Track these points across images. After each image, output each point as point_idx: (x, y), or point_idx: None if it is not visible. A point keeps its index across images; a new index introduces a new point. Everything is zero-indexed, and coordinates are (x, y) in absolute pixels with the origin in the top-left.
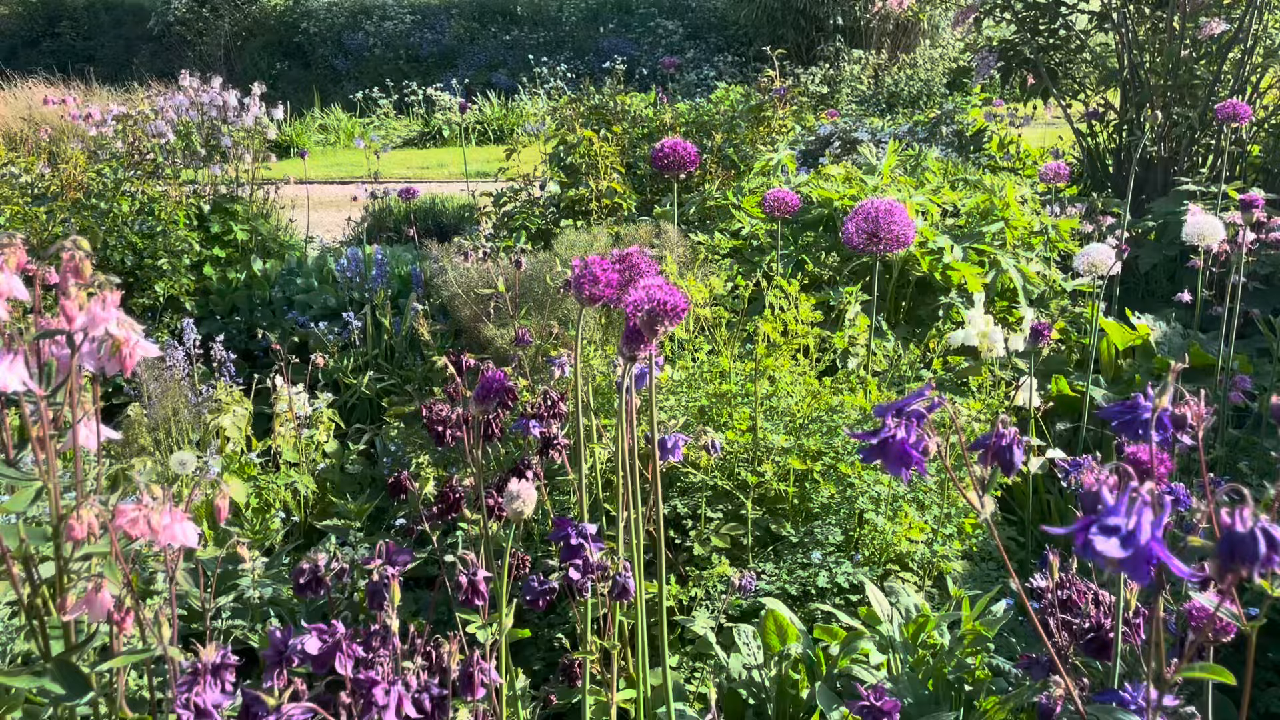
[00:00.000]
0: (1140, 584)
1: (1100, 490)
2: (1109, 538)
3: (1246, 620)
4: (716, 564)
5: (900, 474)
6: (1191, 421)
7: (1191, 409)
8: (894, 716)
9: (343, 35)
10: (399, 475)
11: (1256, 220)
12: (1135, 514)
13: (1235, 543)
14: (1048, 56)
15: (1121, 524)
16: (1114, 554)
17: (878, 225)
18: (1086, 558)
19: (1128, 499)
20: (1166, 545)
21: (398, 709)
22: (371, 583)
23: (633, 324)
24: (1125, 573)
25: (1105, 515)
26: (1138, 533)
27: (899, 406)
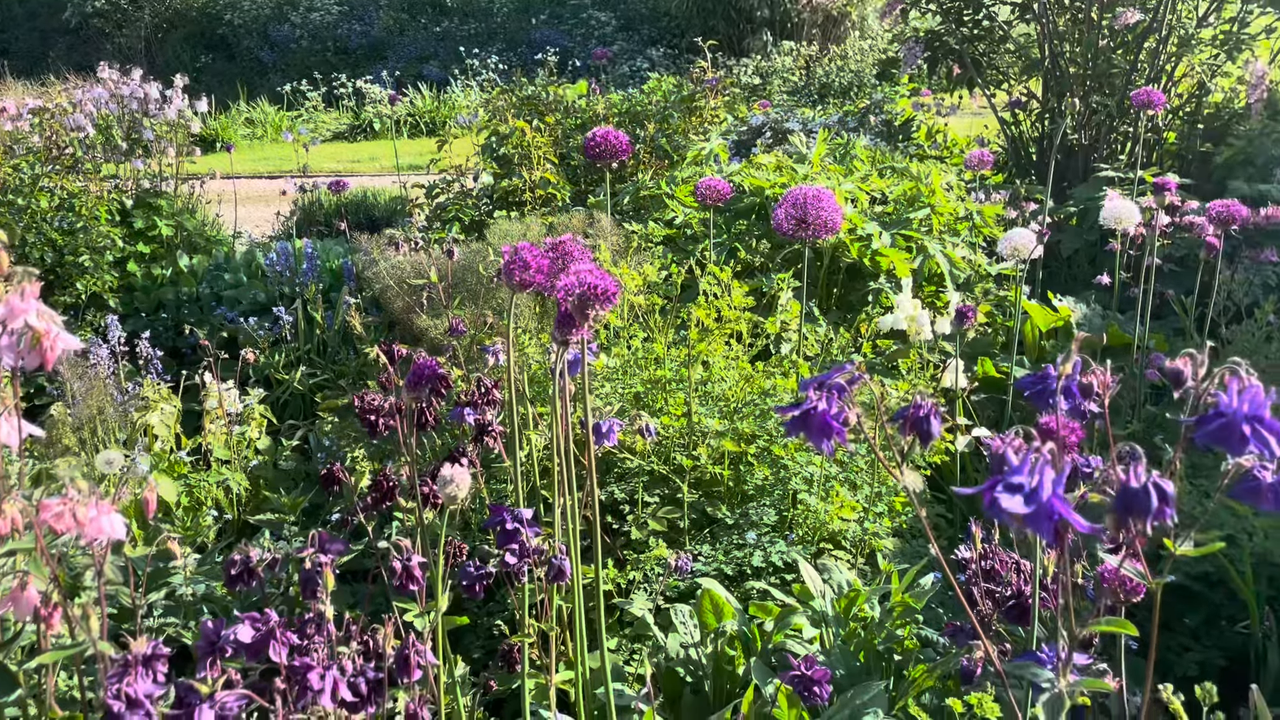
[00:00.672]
0: (1044, 538)
1: (1005, 452)
2: (1013, 495)
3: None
4: (654, 547)
5: (822, 445)
6: (1098, 389)
7: (1098, 377)
8: (824, 685)
9: (268, 27)
10: (331, 467)
11: (1170, 204)
12: (1037, 473)
13: (1130, 497)
14: (972, 47)
15: (1025, 482)
16: (1018, 510)
17: (806, 211)
18: (993, 515)
19: (1030, 459)
20: (1071, 504)
21: (333, 693)
22: (304, 571)
23: (564, 309)
24: (1029, 528)
25: (1010, 474)
26: (1040, 490)
27: (821, 381)
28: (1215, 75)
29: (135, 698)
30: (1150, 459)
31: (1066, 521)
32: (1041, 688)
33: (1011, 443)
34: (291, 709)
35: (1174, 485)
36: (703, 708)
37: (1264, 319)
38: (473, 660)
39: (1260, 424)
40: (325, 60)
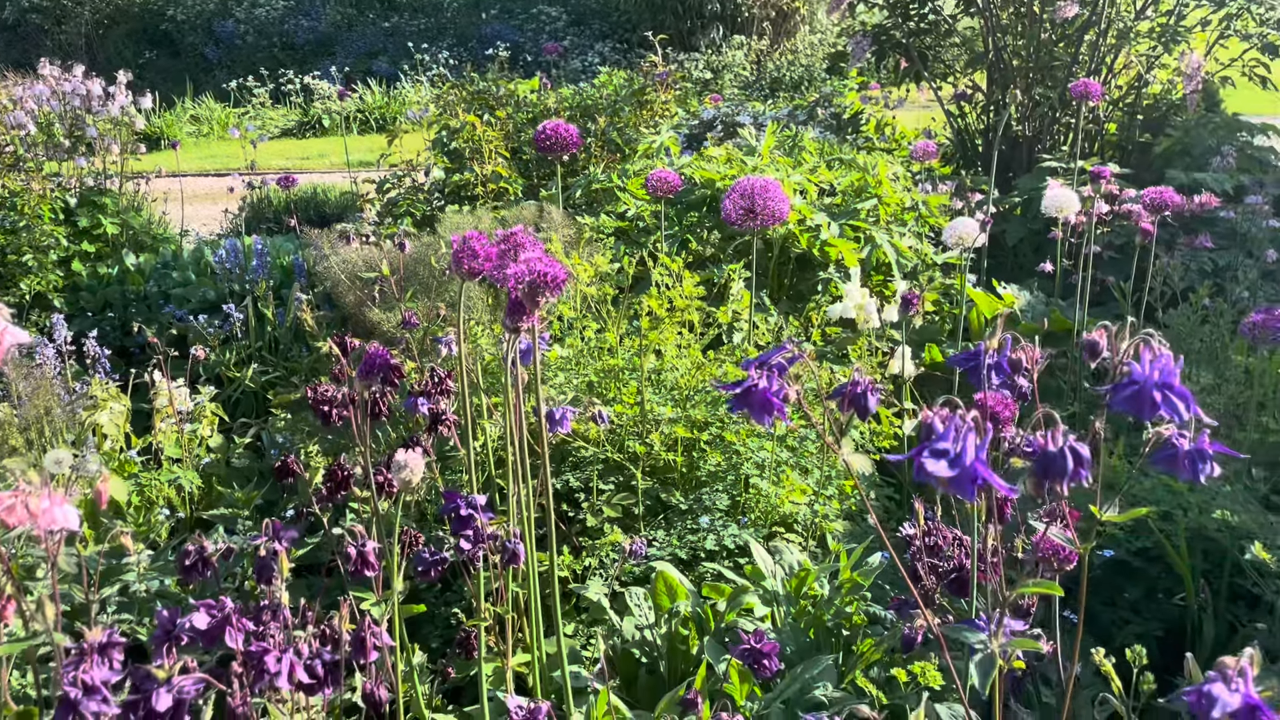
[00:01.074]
0: (967, 499)
1: (933, 421)
2: (938, 460)
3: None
4: (609, 534)
5: (764, 421)
6: (1027, 365)
7: (1026, 354)
8: (772, 657)
9: (212, 22)
10: (285, 459)
11: (1109, 193)
12: (961, 439)
13: (1048, 460)
14: (918, 40)
15: (949, 447)
16: (943, 474)
17: (754, 201)
18: (920, 479)
19: (955, 426)
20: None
21: (290, 675)
22: (259, 558)
23: (515, 296)
24: (953, 490)
25: (935, 441)
26: (963, 455)
27: (762, 360)
28: (1153, 67)
29: (92, 684)
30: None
31: (990, 484)
32: (975, 649)
33: (938, 413)
34: (249, 692)
35: (1106, 457)
36: (658, 687)
37: (1198, 303)
38: (431, 649)
39: (1170, 390)
40: (272, 56)
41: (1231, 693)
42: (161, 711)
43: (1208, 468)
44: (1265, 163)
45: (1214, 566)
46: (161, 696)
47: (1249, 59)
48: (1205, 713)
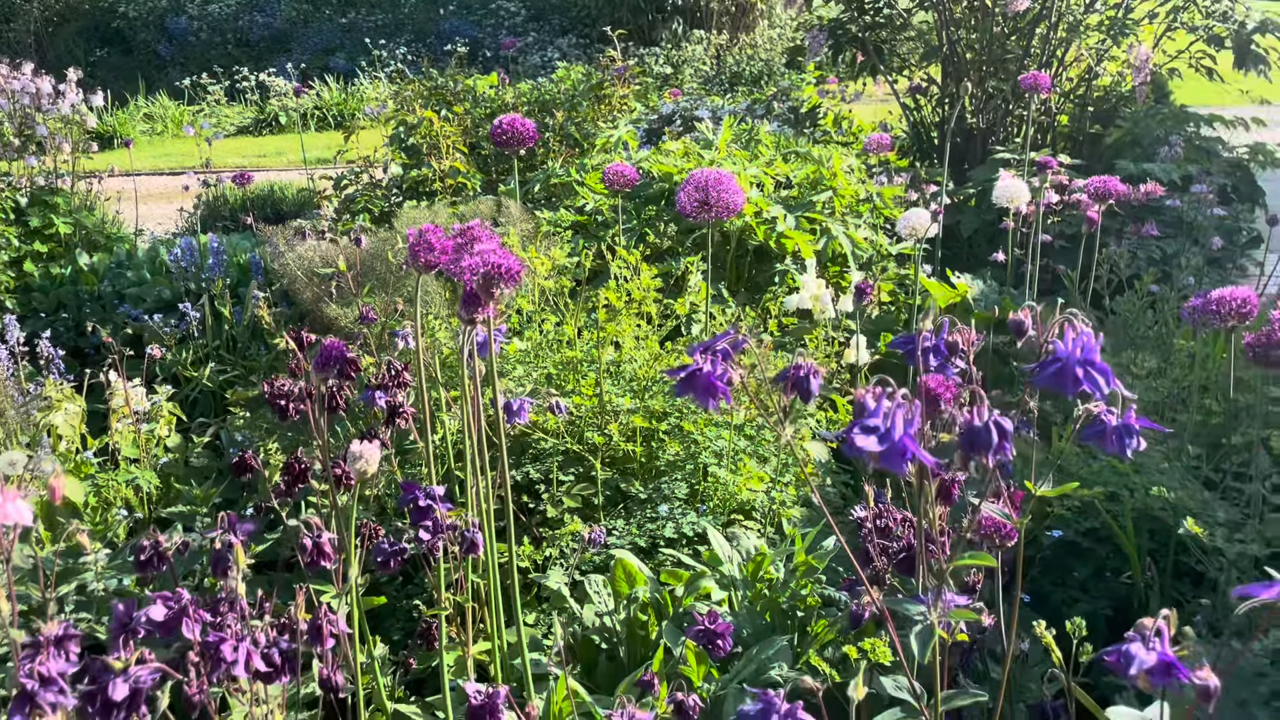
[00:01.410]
0: (898, 473)
1: (865, 399)
2: (869, 435)
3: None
4: (569, 524)
5: (709, 404)
6: (963, 346)
7: (963, 335)
8: (726, 637)
9: (165, 19)
10: (243, 455)
11: (1060, 183)
12: (891, 416)
13: (974, 434)
14: (874, 34)
15: (879, 424)
16: (873, 448)
17: (708, 193)
18: (851, 454)
19: (885, 404)
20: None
21: (247, 664)
22: (215, 551)
23: (470, 288)
24: (885, 465)
25: (866, 417)
26: (892, 430)
27: (707, 345)
28: (1103, 59)
29: (49, 675)
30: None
31: (919, 460)
32: (914, 620)
33: (871, 391)
34: (206, 681)
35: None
36: (617, 672)
37: (1143, 289)
38: (393, 642)
39: (1092, 366)
40: (226, 53)
41: (1149, 651)
42: (119, 701)
43: (1134, 442)
44: (1212, 153)
45: (1160, 545)
46: (118, 686)
47: (1195, 51)
48: (1124, 669)
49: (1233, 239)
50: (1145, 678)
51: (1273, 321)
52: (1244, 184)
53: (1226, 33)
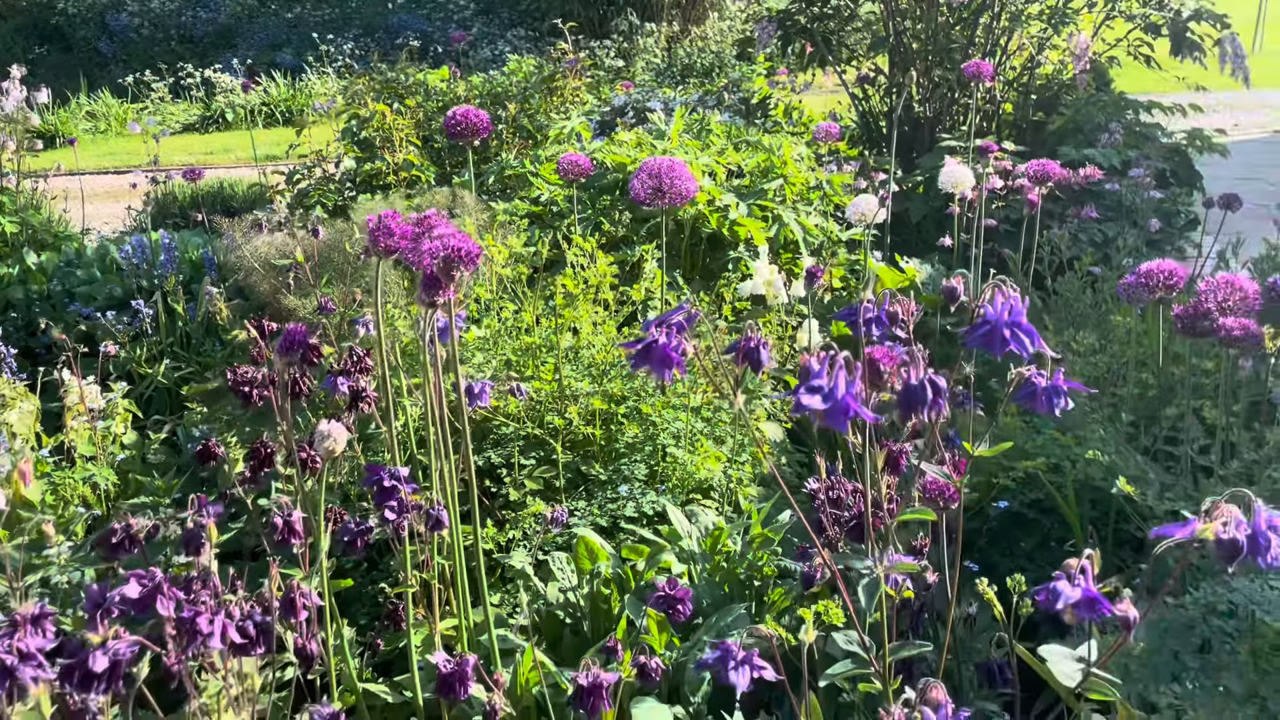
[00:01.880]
0: (840, 430)
1: (809, 362)
2: (813, 395)
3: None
4: (531, 506)
5: (664, 375)
6: (903, 317)
7: (903, 306)
8: (686, 602)
9: (105, 16)
10: (206, 443)
11: (1004, 169)
12: (834, 376)
13: (910, 392)
14: (823, 25)
15: (823, 384)
16: (817, 406)
17: (661, 180)
18: (798, 413)
19: (828, 365)
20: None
21: (223, 636)
22: (187, 530)
23: (430, 271)
24: (829, 423)
25: (812, 379)
26: (835, 390)
27: (661, 320)
28: (1044, 48)
29: (28, 651)
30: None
31: (861, 416)
32: (861, 574)
33: (815, 355)
34: (184, 654)
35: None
36: (582, 645)
37: (1083, 270)
38: (359, 627)
39: (1019, 328)
40: (169, 50)
41: (1074, 588)
42: (99, 672)
43: (1062, 401)
44: (1151, 138)
45: (1101, 515)
46: (98, 658)
47: (1134, 39)
48: (1051, 605)
49: (1171, 222)
50: (1071, 611)
51: (1199, 294)
52: (1182, 169)
53: (1163, 21)
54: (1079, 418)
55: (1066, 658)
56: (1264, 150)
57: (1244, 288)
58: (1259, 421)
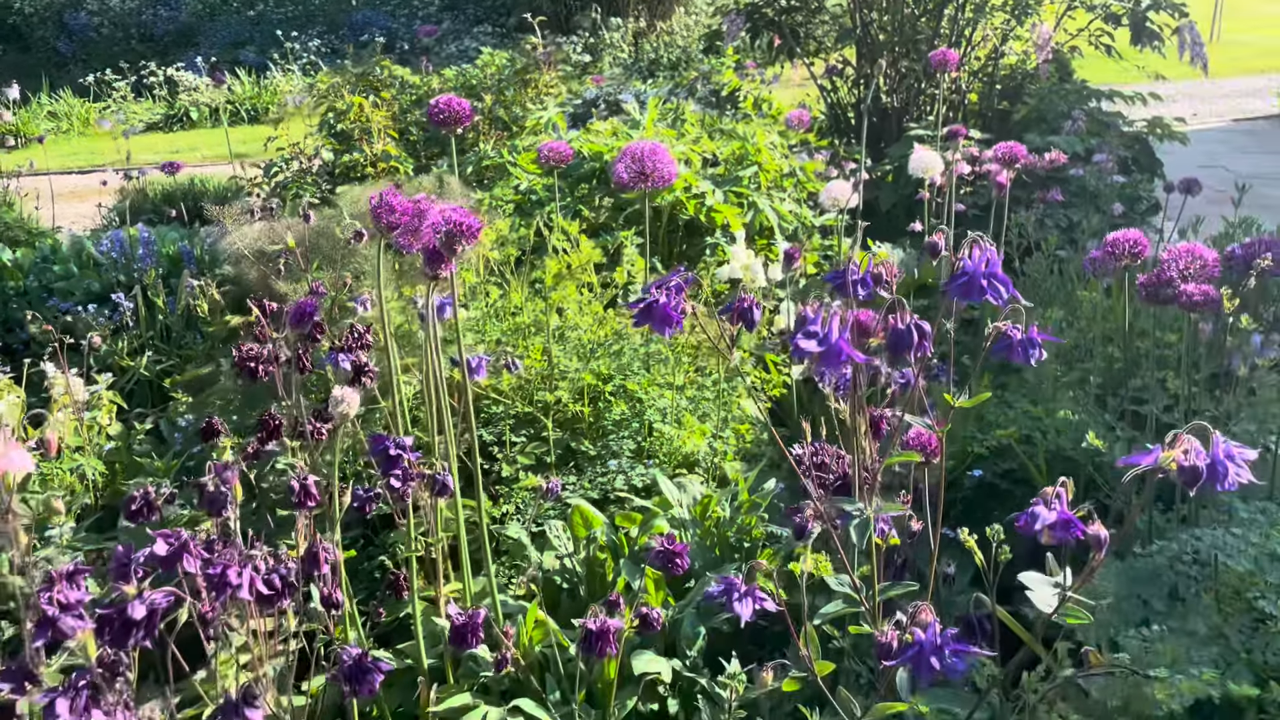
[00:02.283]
0: (833, 372)
1: (805, 312)
2: (809, 340)
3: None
4: (524, 480)
5: (665, 332)
6: (886, 277)
7: (886, 268)
8: (684, 556)
9: (64, 15)
10: (209, 420)
11: (971, 155)
12: (829, 323)
13: (897, 336)
14: (789, 18)
15: (818, 330)
16: (813, 349)
17: (644, 164)
18: (797, 357)
19: (823, 314)
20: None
21: (251, 587)
22: (209, 492)
23: (433, 245)
24: (823, 365)
25: (808, 325)
26: (829, 334)
27: (661, 282)
28: (1008, 39)
29: (67, 602)
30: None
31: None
32: (851, 515)
33: (810, 305)
34: (215, 604)
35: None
36: (579, 609)
37: (1050, 250)
38: (357, 601)
39: (994, 278)
40: (130, 49)
41: (1050, 511)
42: (138, 620)
43: (1036, 352)
44: (1113, 126)
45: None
46: (136, 607)
47: (1095, 28)
48: (1030, 526)
49: (1134, 207)
50: (1048, 532)
51: (1162, 262)
52: (1143, 156)
53: (1123, 10)
54: (1049, 391)
55: (1044, 584)
56: (1223, 138)
57: (1204, 256)
58: (1219, 390)
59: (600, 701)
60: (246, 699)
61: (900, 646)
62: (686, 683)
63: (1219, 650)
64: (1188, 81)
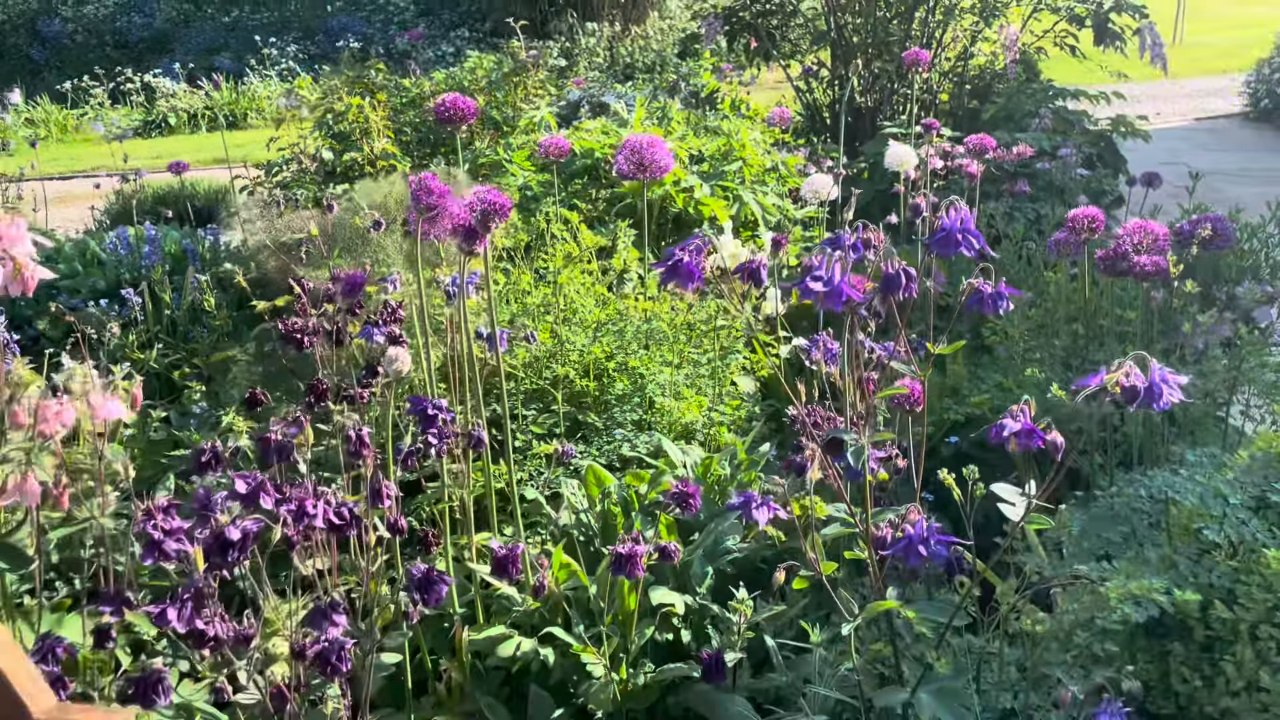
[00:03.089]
0: (835, 310)
1: (811, 260)
2: (816, 282)
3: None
4: (537, 447)
5: (687, 287)
6: (875, 243)
7: (874, 234)
8: (696, 495)
9: (37, 22)
10: (253, 391)
11: (944, 150)
12: (832, 267)
13: (889, 278)
14: (766, 21)
15: (824, 274)
16: (819, 289)
17: (642, 155)
18: (805, 296)
19: (827, 260)
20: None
21: (325, 518)
22: (278, 442)
23: (469, 222)
24: (827, 304)
25: (815, 270)
26: (833, 277)
27: (683, 245)
28: (976, 40)
29: (170, 528)
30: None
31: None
32: (846, 442)
33: (815, 255)
34: (297, 529)
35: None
36: (596, 559)
37: (1016, 239)
38: (387, 561)
39: (968, 233)
40: (104, 55)
41: (1016, 422)
42: (234, 541)
43: (1004, 304)
44: (1078, 124)
45: (1041, 452)
46: (232, 530)
47: (1060, 30)
48: (998, 436)
49: (1098, 200)
50: (1014, 440)
51: (1118, 238)
52: (1108, 152)
53: (1086, 12)
54: (1019, 366)
55: (1014, 494)
56: (1185, 136)
57: (1155, 231)
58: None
59: (622, 630)
60: (332, 608)
61: (893, 540)
62: (697, 615)
63: (1170, 577)
64: (1151, 83)
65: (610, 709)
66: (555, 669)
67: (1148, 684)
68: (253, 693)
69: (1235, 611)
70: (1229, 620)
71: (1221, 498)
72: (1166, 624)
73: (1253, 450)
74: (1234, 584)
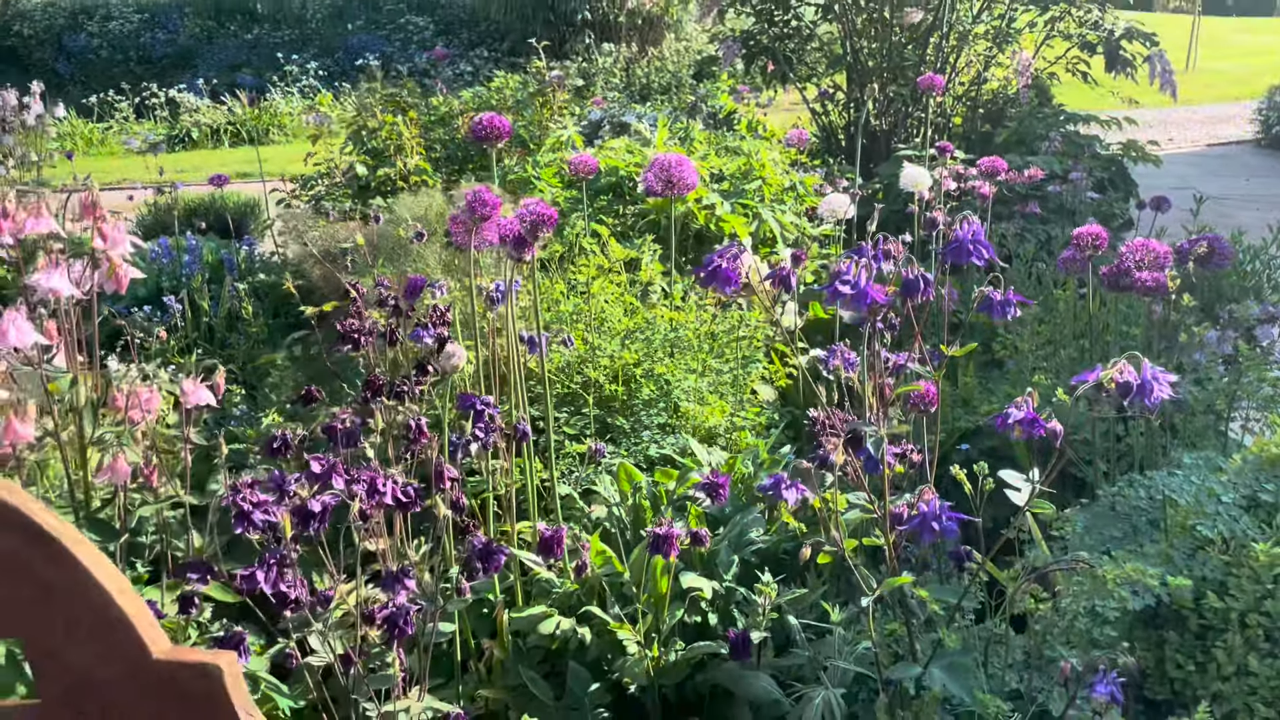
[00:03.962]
0: (860, 311)
1: (839, 266)
2: (845, 285)
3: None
4: (569, 447)
5: (726, 290)
6: (895, 254)
7: (894, 246)
8: (725, 485)
9: (63, 37)
10: (309, 388)
11: (957, 172)
12: (860, 274)
13: (909, 283)
14: (783, 45)
15: (851, 279)
16: (847, 293)
17: (670, 173)
18: (832, 300)
19: (854, 267)
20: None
21: (393, 495)
22: (347, 429)
23: (518, 232)
24: (853, 305)
25: (844, 274)
26: (859, 281)
27: (720, 252)
28: (990, 65)
29: (258, 500)
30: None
31: (874, 298)
32: (867, 434)
33: (843, 261)
34: (369, 502)
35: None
36: (628, 550)
37: (1027, 259)
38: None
39: (978, 243)
40: (129, 71)
41: (1020, 411)
42: (316, 512)
43: (1012, 310)
44: (1089, 149)
45: (1046, 454)
46: (314, 503)
47: (1072, 56)
48: (1003, 424)
49: (1108, 223)
50: (1019, 428)
51: (1121, 255)
52: (1119, 177)
53: (1098, 39)
54: (1027, 377)
55: (1019, 480)
56: (1195, 162)
57: (1156, 249)
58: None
59: (655, 611)
60: (404, 573)
61: (909, 517)
62: (723, 600)
63: (1166, 570)
64: (1163, 109)
65: (644, 682)
66: (592, 647)
67: (1145, 670)
68: (324, 654)
69: (1226, 601)
70: (1220, 610)
71: (1215, 497)
72: (1162, 614)
73: (1245, 454)
74: (1225, 576)
